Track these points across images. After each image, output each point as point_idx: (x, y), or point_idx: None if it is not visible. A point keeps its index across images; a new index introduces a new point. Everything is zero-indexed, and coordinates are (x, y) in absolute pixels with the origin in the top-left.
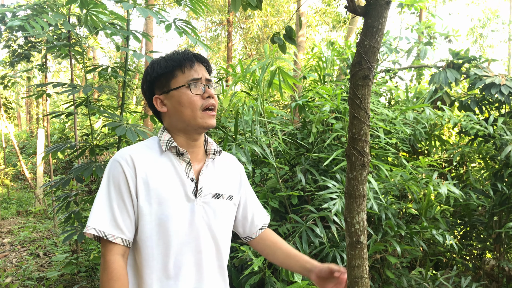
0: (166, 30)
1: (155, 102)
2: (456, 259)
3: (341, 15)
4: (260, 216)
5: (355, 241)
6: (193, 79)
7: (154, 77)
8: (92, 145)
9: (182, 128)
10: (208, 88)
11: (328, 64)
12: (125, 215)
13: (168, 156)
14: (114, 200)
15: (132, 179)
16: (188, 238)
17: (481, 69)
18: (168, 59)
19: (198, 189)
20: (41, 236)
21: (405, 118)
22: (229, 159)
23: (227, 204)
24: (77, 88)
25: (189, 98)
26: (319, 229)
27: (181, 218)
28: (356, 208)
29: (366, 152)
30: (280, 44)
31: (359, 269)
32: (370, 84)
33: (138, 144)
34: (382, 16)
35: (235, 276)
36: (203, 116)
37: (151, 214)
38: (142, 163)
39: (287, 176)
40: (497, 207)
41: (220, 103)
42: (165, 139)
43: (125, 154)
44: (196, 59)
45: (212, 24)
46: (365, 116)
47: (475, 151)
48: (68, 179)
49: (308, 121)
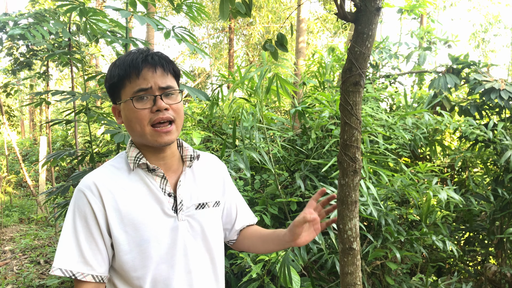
0: (165, 38)
1: (113, 112)
2: (458, 265)
3: (342, 22)
4: (243, 218)
5: (347, 247)
6: (140, 89)
7: (109, 85)
8: (92, 152)
9: (141, 142)
10: (159, 100)
11: (328, 70)
12: (95, 249)
13: (138, 173)
14: (81, 234)
15: (100, 209)
16: (174, 259)
17: (481, 74)
18: (118, 65)
19: (178, 204)
20: (42, 243)
21: (405, 123)
22: (209, 161)
23: (214, 212)
24: (76, 96)
25: (135, 113)
26: (318, 236)
27: (163, 239)
28: (348, 215)
29: (358, 158)
30: (271, 51)
31: (352, 276)
32: (361, 91)
33: (104, 166)
34: (372, 22)
35: (234, 283)
36: (152, 134)
37: (129, 243)
38: (109, 188)
39: (286, 182)
40: (498, 213)
41: (221, 109)
42: (132, 155)
43: (88, 182)
44: (145, 63)
45: (214, 31)
46: (357, 122)
47: (476, 156)
48: (67, 186)
49: (307, 127)
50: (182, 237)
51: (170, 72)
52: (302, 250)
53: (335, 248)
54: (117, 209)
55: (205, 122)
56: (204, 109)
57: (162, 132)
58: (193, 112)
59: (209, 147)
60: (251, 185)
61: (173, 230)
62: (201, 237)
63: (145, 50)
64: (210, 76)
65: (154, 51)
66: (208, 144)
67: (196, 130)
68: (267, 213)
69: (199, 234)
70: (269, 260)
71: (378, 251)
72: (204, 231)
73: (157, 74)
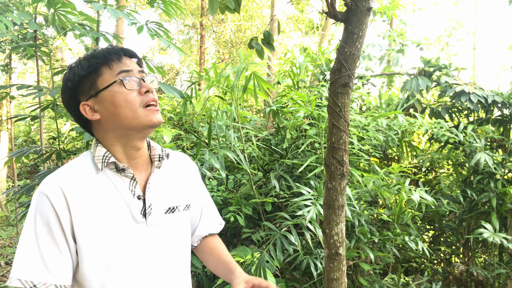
0: (137, 32)
1: (83, 111)
2: (425, 264)
3: (313, 22)
4: (207, 225)
5: (333, 253)
6: (123, 70)
7: (77, 81)
8: (59, 149)
9: (122, 134)
10: (143, 82)
11: (302, 70)
12: (58, 256)
13: (106, 174)
14: (43, 240)
15: (64, 213)
16: (142, 268)
17: (452, 77)
18: (90, 57)
19: (147, 208)
20: (3, 244)
21: (377, 124)
22: (179, 161)
23: (184, 216)
24: (44, 90)
25: (125, 96)
26: (294, 237)
27: (130, 246)
28: (335, 219)
29: (346, 161)
30: (258, 49)
31: (338, 282)
32: (350, 92)
33: (68, 166)
34: (363, 22)
35: (206, 284)
36: (146, 114)
37: (93, 249)
38: (75, 190)
39: (260, 182)
40: (467, 213)
41: (193, 107)
42: (100, 154)
43: (52, 183)
44: (124, 51)
45: (184, 27)
46: (345, 124)
47: (444, 157)
48: (33, 185)
49: (281, 127)
50: (150, 244)
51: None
52: (278, 251)
53: (310, 249)
54: (82, 212)
55: (175, 119)
56: (175, 107)
57: (154, 110)
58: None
59: (180, 145)
60: (225, 185)
61: (141, 237)
62: (170, 244)
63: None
64: (179, 73)
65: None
66: (179, 142)
67: (167, 128)
68: (241, 214)
69: (168, 241)
70: (244, 262)
71: (352, 251)
72: (173, 238)
73: (134, 63)
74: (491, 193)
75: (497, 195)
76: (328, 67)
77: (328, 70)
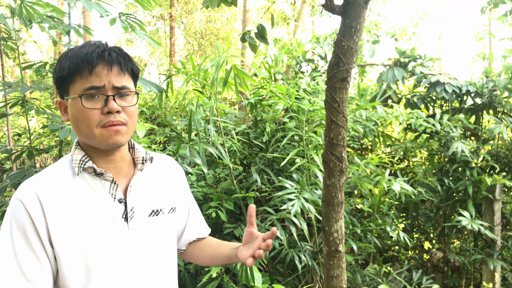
0: (110, 24)
1: (59, 107)
2: (402, 252)
3: (284, 13)
4: (195, 229)
5: (333, 250)
6: (91, 87)
7: (56, 79)
8: (31, 148)
9: (89, 143)
10: (111, 101)
11: (278, 62)
12: (36, 263)
13: (84, 178)
14: (19, 247)
15: (40, 219)
16: (125, 273)
17: (426, 68)
18: (70, 57)
19: (128, 211)
20: None
21: (355, 116)
22: (164, 163)
23: (169, 219)
24: (14, 87)
25: (83, 113)
26: (279, 231)
27: (110, 251)
28: (335, 216)
29: (344, 157)
30: (252, 43)
31: (338, 279)
32: (348, 87)
33: (45, 171)
34: (361, 16)
35: (189, 282)
36: (102, 134)
37: (72, 256)
38: (51, 196)
39: (241, 177)
40: (444, 202)
41: (169, 100)
42: (77, 158)
43: (27, 190)
44: (101, 59)
45: (152, 18)
46: (343, 120)
47: (417, 146)
48: (4, 186)
49: (259, 120)
50: (132, 249)
51: (127, 71)
52: None
53: (295, 243)
54: (60, 219)
55: (147, 113)
56: (146, 100)
57: (112, 130)
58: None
59: (153, 140)
60: (205, 181)
61: (123, 241)
62: (154, 248)
63: (103, 44)
64: (147, 65)
65: (112, 46)
66: (152, 137)
67: (140, 122)
68: (222, 209)
69: (152, 245)
70: None
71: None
72: (157, 242)
73: (113, 73)
74: (467, 181)
75: (473, 183)
76: (305, 59)
77: (304, 61)
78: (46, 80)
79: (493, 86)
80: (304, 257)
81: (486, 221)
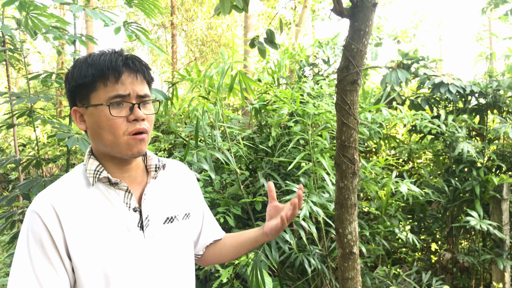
0: (115, 33)
1: (73, 115)
2: (410, 254)
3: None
4: (211, 232)
5: (348, 252)
6: (117, 95)
7: (73, 86)
8: (38, 157)
9: (107, 152)
10: (137, 109)
11: (282, 67)
12: (54, 275)
13: (99, 188)
14: (37, 260)
15: (58, 232)
16: (143, 282)
17: (430, 69)
18: (91, 64)
19: (144, 220)
20: None
21: (360, 118)
22: (176, 170)
23: (184, 225)
24: (22, 97)
25: (109, 121)
26: (288, 235)
27: (128, 260)
28: (348, 218)
29: (357, 159)
30: (261, 48)
31: (353, 281)
32: (358, 89)
33: (59, 181)
34: (369, 18)
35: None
36: (128, 143)
37: (91, 267)
38: (67, 208)
39: (247, 182)
40: (451, 202)
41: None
42: (92, 168)
43: (43, 201)
44: (127, 67)
45: (153, 27)
46: (354, 122)
47: (422, 147)
48: (13, 196)
49: (264, 125)
50: (149, 257)
51: (147, 79)
52: (273, 250)
53: (304, 246)
54: (76, 230)
55: None
56: None
57: (138, 139)
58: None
59: (158, 147)
60: (212, 186)
61: (140, 250)
62: (171, 255)
63: (122, 51)
64: None
65: (132, 54)
66: (157, 144)
67: None
68: (230, 214)
69: (169, 252)
70: (238, 263)
71: None
72: (173, 249)
73: (137, 81)
74: (474, 181)
75: (480, 183)
76: (308, 63)
77: (307, 65)
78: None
79: (497, 86)
80: (313, 261)
81: (494, 220)
